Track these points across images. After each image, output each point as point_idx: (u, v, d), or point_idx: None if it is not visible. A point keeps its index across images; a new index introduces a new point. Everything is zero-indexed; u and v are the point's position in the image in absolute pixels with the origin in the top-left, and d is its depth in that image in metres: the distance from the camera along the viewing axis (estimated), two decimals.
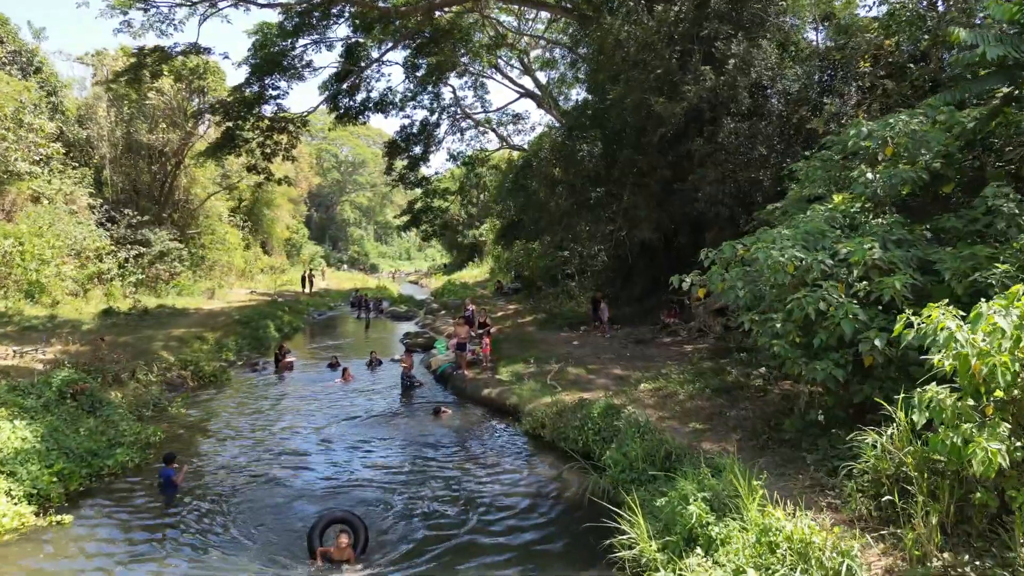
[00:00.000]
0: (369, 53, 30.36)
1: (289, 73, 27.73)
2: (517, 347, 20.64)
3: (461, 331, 17.67)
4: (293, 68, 27.24)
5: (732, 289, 9.45)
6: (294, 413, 15.30)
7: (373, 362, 20.55)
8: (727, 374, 14.09)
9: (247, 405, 16.09)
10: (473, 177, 42.07)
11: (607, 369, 16.61)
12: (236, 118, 25.40)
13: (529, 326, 25.53)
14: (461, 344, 17.55)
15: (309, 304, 36.35)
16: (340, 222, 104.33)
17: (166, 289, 32.17)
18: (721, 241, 18.84)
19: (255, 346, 23.18)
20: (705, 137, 17.91)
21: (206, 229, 38.96)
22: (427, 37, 29.58)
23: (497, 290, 40.92)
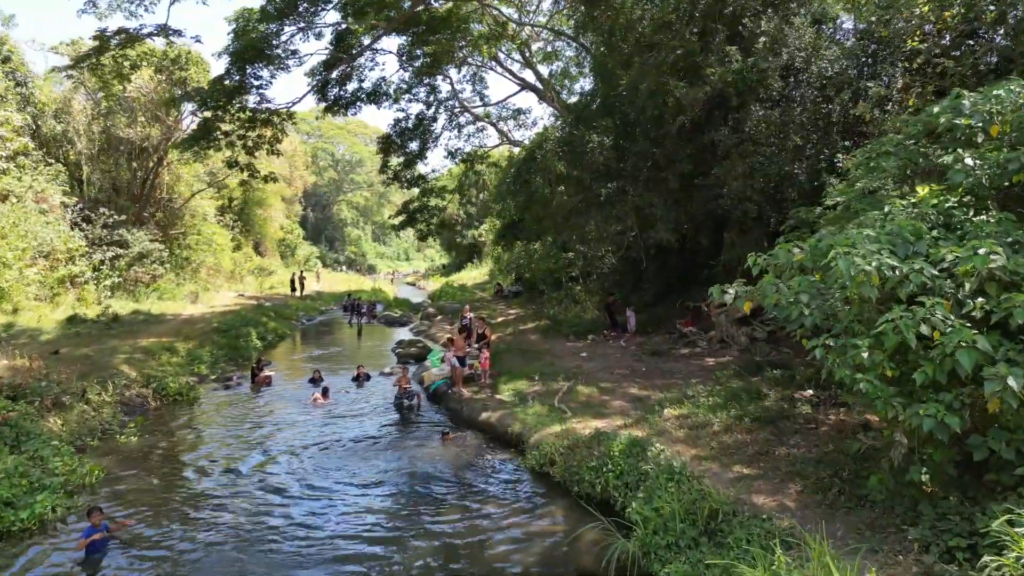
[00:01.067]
0: (360, 41, 28.41)
1: (273, 62, 25.74)
2: (519, 359, 18.70)
3: (458, 343, 15.71)
4: (277, 57, 25.25)
5: (794, 305, 7.50)
6: (267, 440, 13.33)
7: (361, 376, 18.60)
8: (763, 397, 12.15)
9: (214, 429, 14.14)
10: (472, 175, 40.09)
11: (622, 387, 14.66)
12: (215, 108, 23.38)
13: (532, 333, 23.59)
14: (459, 359, 15.59)
15: (298, 308, 34.40)
16: (337, 222, 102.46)
17: (146, 293, 30.23)
18: (745, 243, 16.93)
19: (233, 357, 21.23)
20: (730, 126, 15.98)
21: (191, 229, 37.00)
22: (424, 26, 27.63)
23: (497, 293, 38.99)
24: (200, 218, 37.48)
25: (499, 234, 45.00)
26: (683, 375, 15.72)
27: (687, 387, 14.01)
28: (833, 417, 10.53)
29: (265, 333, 25.44)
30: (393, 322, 32.27)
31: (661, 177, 17.18)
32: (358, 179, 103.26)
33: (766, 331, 17.74)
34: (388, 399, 16.69)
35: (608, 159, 17.31)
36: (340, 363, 22.08)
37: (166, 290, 31.69)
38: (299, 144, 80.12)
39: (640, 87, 16.75)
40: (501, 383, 15.75)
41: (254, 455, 12.28)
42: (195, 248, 36.52)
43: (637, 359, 18.01)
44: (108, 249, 28.74)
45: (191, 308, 29.77)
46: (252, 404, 16.28)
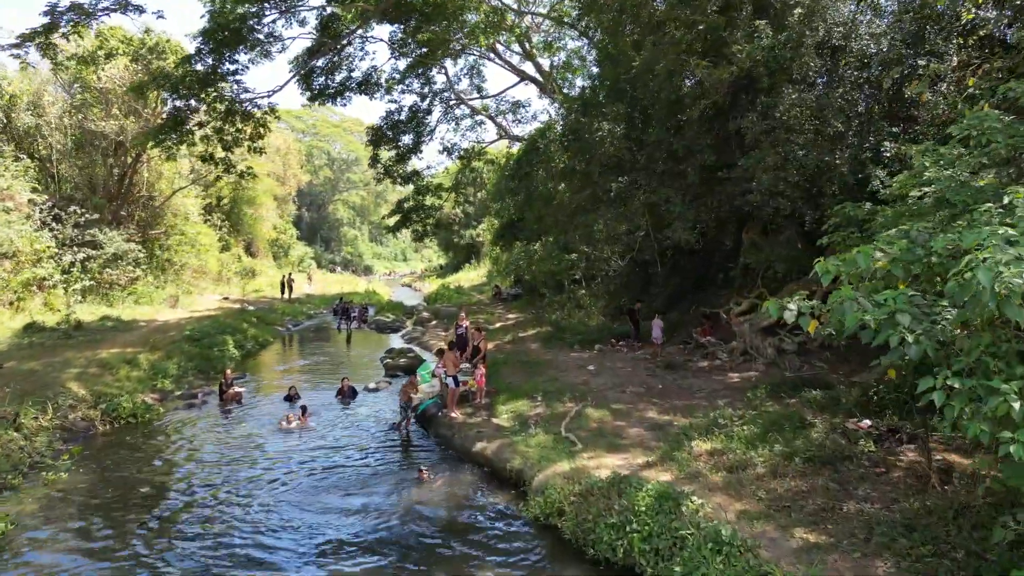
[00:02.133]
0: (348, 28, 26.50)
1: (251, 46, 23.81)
2: (519, 372, 16.79)
3: (450, 359, 13.77)
4: (257, 42, 23.33)
5: (891, 329, 5.59)
6: (224, 472, 11.40)
7: (345, 392, 16.67)
8: (808, 426, 10.24)
9: (166, 459, 12.20)
10: (469, 172, 38.08)
11: (638, 410, 12.76)
12: (187, 96, 21.42)
13: (532, 341, 21.68)
14: (453, 378, 13.65)
15: (285, 313, 32.44)
16: (333, 222, 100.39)
17: (121, 297, 28.30)
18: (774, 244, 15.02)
19: (205, 370, 19.26)
20: (759, 111, 14.06)
21: (173, 229, 35.04)
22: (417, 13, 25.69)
23: (495, 295, 37.08)
24: (183, 217, 35.47)
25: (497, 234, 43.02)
26: (706, 394, 13.83)
27: (713, 410, 12.12)
28: (904, 457, 8.61)
29: (244, 341, 23.50)
30: (384, 328, 30.29)
31: (679, 170, 15.27)
32: (354, 178, 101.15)
33: (795, 342, 15.85)
34: (373, 419, 14.79)
35: (619, 150, 15.40)
36: (324, 375, 20.15)
37: (144, 294, 29.76)
38: (293, 142, 78.16)
39: (655, 69, 14.84)
40: (499, 403, 13.83)
41: (203, 494, 10.34)
42: (177, 249, 34.54)
43: (651, 374, 16.11)
44: (79, 250, 26.80)
45: (169, 313, 27.84)
46: (216, 426, 14.33)
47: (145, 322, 24.51)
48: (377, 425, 14.31)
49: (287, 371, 20.84)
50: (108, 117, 29.76)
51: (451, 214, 58.85)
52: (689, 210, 14.96)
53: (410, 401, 13.71)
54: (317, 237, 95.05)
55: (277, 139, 67.91)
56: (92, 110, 30.15)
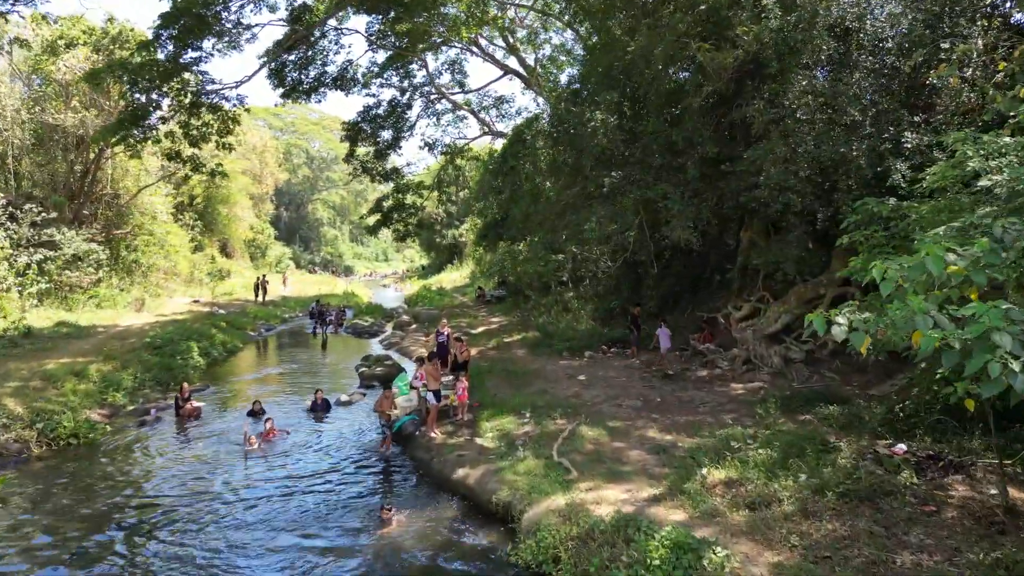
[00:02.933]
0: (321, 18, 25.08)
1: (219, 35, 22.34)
2: (505, 383, 15.52)
3: (430, 372, 12.42)
4: (224, 30, 21.85)
5: (987, 354, 4.37)
6: (171, 506, 10.00)
7: (319, 404, 15.29)
8: (832, 449, 9.05)
9: (106, 488, 10.75)
10: (451, 169, 36.70)
11: (637, 428, 11.52)
12: (147, 88, 19.88)
13: (518, 348, 20.42)
14: (434, 394, 12.31)
15: (257, 316, 30.88)
16: (312, 221, 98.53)
17: (82, 301, 26.67)
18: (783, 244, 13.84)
19: (165, 381, 17.76)
20: (767, 99, 12.89)
21: (140, 229, 33.36)
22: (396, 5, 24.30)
23: (478, 298, 35.77)
24: (150, 216, 33.79)
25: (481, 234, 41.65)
26: (710, 408, 12.64)
27: (720, 427, 10.94)
28: (955, 492, 7.42)
29: (211, 348, 21.98)
30: (362, 332, 28.84)
31: (678, 164, 14.06)
32: (334, 177, 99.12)
33: (803, 350, 14.71)
34: (347, 437, 13.44)
35: (612, 142, 14.14)
36: (296, 385, 18.75)
37: (106, 297, 28.13)
38: (270, 140, 76.35)
39: (652, 55, 13.60)
40: (483, 420, 12.53)
41: (139, 538, 8.94)
42: (144, 250, 32.86)
43: (648, 384, 14.90)
44: (36, 251, 25.14)
45: (133, 317, 26.26)
46: (169, 447, 12.89)
47: (104, 328, 22.95)
48: (351, 444, 12.95)
49: (256, 381, 19.37)
50: (67, 110, 28.08)
51: (433, 213, 57.40)
52: (689, 207, 13.74)
53: (388, 419, 12.38)
54: (296, 237, 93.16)
55: (253, 137, 66.19)
56: (51, 103, 28.49)
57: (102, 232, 30.76)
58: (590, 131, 14.46)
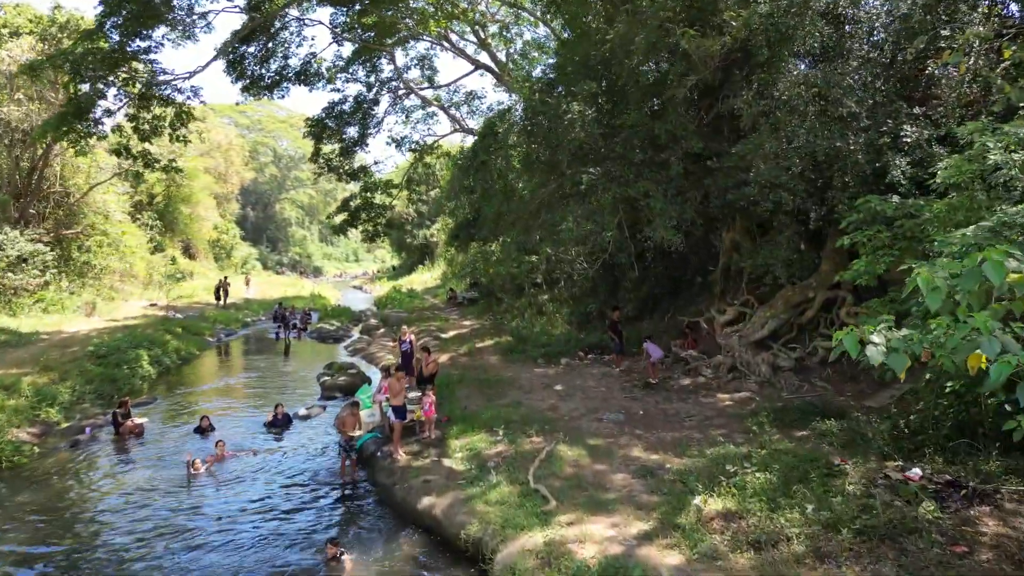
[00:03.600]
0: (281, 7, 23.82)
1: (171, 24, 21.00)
2: (477, 394, 14.49)
3: (393, 388, 11.32)
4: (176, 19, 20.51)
5: None
6: (87, 545, 8.80)
7: (278, 420, 14.08)
8: (837, 473, 8.18)
9: (22, 522, 9.51)
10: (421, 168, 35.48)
11: (620, 444, 10.56)
12: (91, 79, 18.42)
13: (491, 353, 19.39)
14: (396, 409, 11.22)
15: (217, 320, 29.41)
16: (280, 221, 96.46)
17: (27, 305, 25.06)
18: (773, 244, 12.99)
19: (107, 394, 16.38)
20: (756, 90, 12.02)
21: (93, 229, 31.66)
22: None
23: (450, 300, 34.67)
24: (103, 216, 32.08)
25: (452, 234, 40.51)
26: (697, 422, 11.73)
27: (710, 445, 10.03)
28: (985, 527, 6.56)
29: (162, 356, 20.57)
30: (327, 337, 27.51)
31: (660, 160, 13.13)
32: (302, 176, 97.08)
33: (792, 358, 13.89)
34: (305, 457, 12.31)
35: (590, 136, 13.16)
36: (255, 396, 17.53)
37: (54, 301, 26.50)
38: (235, 138, 74.28)
39: (633, 41, 12.66)
40: (452, 437, 11.47)
41: None
42: (96, 251, 31.18)
43: (629, 394, 13.97)
44: None
45: (81, 323, 24.72)
46: (103, 470, 11.64)
47: (48, 335, 21.43)
48: (309, 467, 11.82)
49: (211, 392, 18.06)
50: (11, 103, 26.40)
51: (404, 213, 56.09)
52: (672, 206, 12.82)
53: (351, 441, 11.22)
54: (263, 237, 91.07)
55: (218, 134, 64.26)
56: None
57: (50, 232, 29.11)
58: (566, 124, 13.48)
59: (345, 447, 11.16)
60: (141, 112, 20.32)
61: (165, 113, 20.95)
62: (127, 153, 21.26)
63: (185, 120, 21.36)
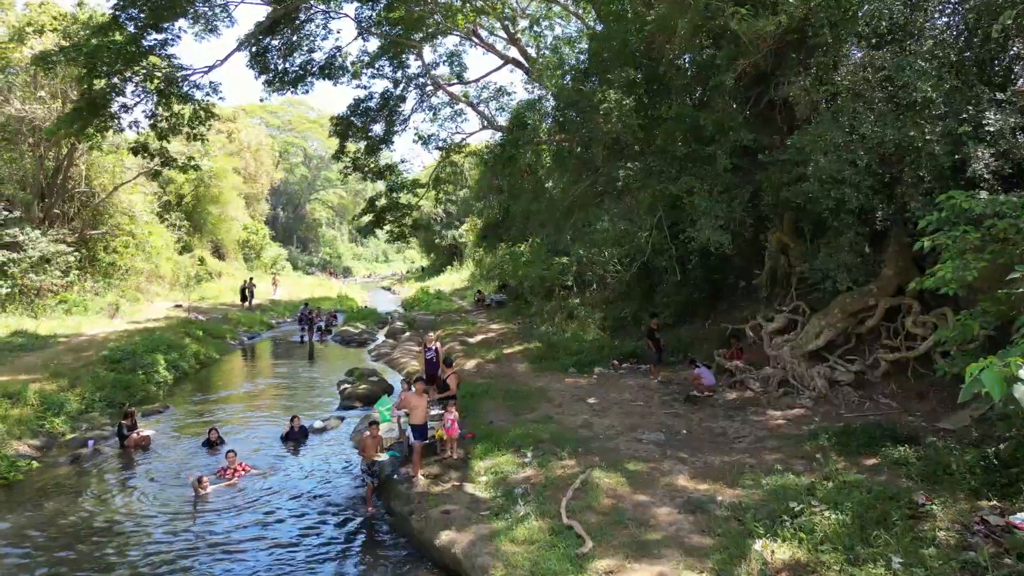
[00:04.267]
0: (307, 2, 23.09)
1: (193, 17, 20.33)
2: (504, 407, 13.47)
3: (412, 403, 10.33)
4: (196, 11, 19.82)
5: None
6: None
7: (294, 433, 13.21)
8: (922, 515, 6.99)
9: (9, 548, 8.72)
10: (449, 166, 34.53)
11: (662, 471, 9.45)
12: (107, 74, 17.77)
13: (519, 361, 18.37)
14: (417, 429, 10.20)
15: (240, 323, 28.81)
16: (310, 222, 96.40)
17: (50, 307, 24.68)
18: (835, 248, 11.74)
19: (119, 402, 15.69)
20: (815, 74, 10.81)
21: (119, 229, 31.30)
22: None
23: (477, 302, 33.67)
24: (128, 216, 31.69)
25: (481, 234, 39.68)
26: (748, 444, 10.56)
27: (766, 472, 8.88)
28: None
29: (180, 360, 19.89)
30: (351, 340, 26.67)
31: (706, 154, 11.97)
32: (332, 176, 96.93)
33: (852, 371, 12.62)
34: (321, 478, 11.42)
35: (628, 128, 12.04)
36: (273, 404, 16.74)
37: (77, 302, 26.11)
38: (265, 138, 74.25)
39: (677, 23, 11.51)
40: (476, 457, 10.46)
41: None
42: (122, 251, 30.81)
43: (670, 410, 12.83)
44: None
45: (103, 325, 24.21)
46: (101, 489, 10.84)
47: (66, 338, 20.89)
48: (325, 488, 10.92)
49: (227, 399, 17.30)
50: (35, 101, 26.06)
51: (432, 213, 55.34)
52: (719, 204, 11.65)
53: (373, 464, 10.15)
54: (293, 238, 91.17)
55: (248, 135, 64.22)
56: (18, 94, 26.48)
57: (75, 233, 28.79)
58: (602, 115, 12.36)
59: (368, 472, 10.08)
60: (159, 109, 19.64)
61: (183, 110, 20.26)
62: (144, 151, 20.63)
63: (203, 118, 20.65)
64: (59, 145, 27.88)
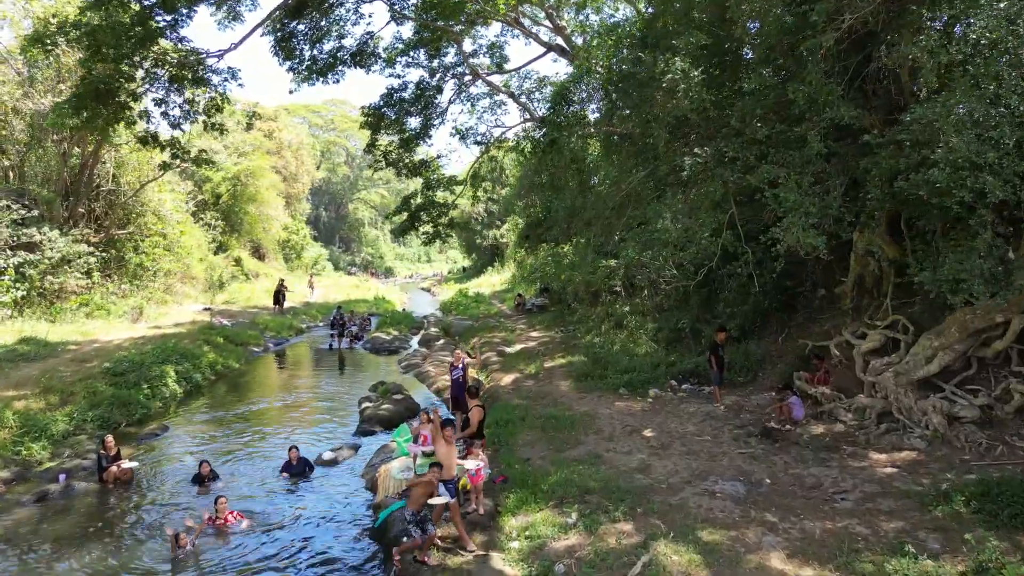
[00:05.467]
0: None
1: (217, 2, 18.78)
2: (543, 439, 11.40)
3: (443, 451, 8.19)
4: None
5: None
6: None
7: (292, 467, 11.37)
8: None
9: None
10: (488, 162, 32.49)
11: (746, 543, 7.23)
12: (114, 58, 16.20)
13: (562, 377, 16.29)
14: (450, 485, 8.08)
15: (268, 328, 27.28)
16: (353, 222, 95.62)
17: (70, 311, 23.49)
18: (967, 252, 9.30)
19: (115, 421, 14.10)
20: (941, 31, 8.45)
21: (147, 228, 30.15)
22: None
23: (517, 306, 31.62)
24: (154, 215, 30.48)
25: (522, 234, 37.59)
26: (853, 502, 8.24)
27: (889, 551, 6.64)
28: None
29: (193, 372, 18.27)
30: (381, 348, 24.86)
31: (794, 135, 9.68)
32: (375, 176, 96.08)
33: (975, 405, 10.18)
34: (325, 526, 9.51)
35: (697, 105, 9.84)
36: (284, 425, 14.96)
37: (100, 306, 24.91)
38: (307, 137, 73.49)
39: None
40: (507, 512, 8.42)
41: None
42: (149, 252, 29.60)
43: (744, 447, 10.57)
44: (13, 254, 22.06)
45: (123, 330, 22.90)
46: (62, 540, 9.06)
47: (77, 345, 19.52)
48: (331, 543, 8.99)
49: (233, 419, 15.49)
50: (53, 93, 24.91)
51: (473, 212, 53.54)
52: (810, 197, 9.36)
53: (422, 513, 7.84)
54: (336, 238, 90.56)
55: (289, 133, 63.40)
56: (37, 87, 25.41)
57: (100, 232, 27.69)
58: (664, 89, 10.17)
59: (414, 522, 7.91)
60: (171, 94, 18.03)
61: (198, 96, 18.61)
62: (154, 141, 19.08)
63: (220, 106, 19.00)
64: (84, 141, 26.79)
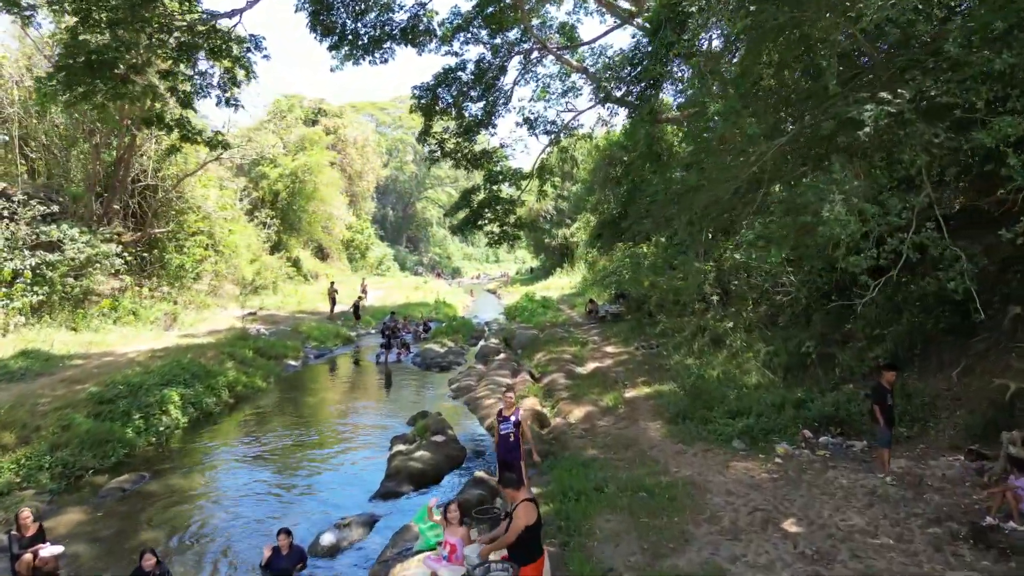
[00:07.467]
0: None
1: None
2: (629, 526, 7.78)
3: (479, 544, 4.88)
4: None
5: None
6: None
7: (279, 560, 7.94)
8: None
9: None
10: (558, 153, 28.74)
11: None
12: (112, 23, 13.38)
13: (649, 416, 12.62)
14: None
15: (310, 336, 24.43)
16: (420, 221, 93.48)
17: (96, 316, 21.25)
18: None
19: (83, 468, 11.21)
20: None
21: (188, 226, 27.93)
22: None
23: (589, 313, 27.86)
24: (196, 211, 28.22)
25: (594, 233, 33.79)
26: None
27: None
28: None
29: (205, 395, 15.34)
30: (432, 363, 21.53)
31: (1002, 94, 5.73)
32: (442, 174, 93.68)
33: None
34: None
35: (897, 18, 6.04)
36: (292, 472, 11.80)
37: (131, 310, 22.63)
38: (372, 134, 71.50)
39: None
40: None
41: None
42: (189, 252, 27.33)
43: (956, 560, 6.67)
44: (32, 254, 19.90)
45: (151, 339, 20.46)
46: None
47: (85, 358, 17.00)
48: None
49: (233, 462, 12.41)
50: None
51: (540, 210, 49.98)
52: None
53: None
54: (403, 237, 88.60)
55: (353, 130, 61.45)
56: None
57: (137, 230, 25.55)
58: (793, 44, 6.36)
59: None
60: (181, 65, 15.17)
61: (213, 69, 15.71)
62: (159, 122, 16.28)
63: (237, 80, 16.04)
64: (119, 133, 24.66)
